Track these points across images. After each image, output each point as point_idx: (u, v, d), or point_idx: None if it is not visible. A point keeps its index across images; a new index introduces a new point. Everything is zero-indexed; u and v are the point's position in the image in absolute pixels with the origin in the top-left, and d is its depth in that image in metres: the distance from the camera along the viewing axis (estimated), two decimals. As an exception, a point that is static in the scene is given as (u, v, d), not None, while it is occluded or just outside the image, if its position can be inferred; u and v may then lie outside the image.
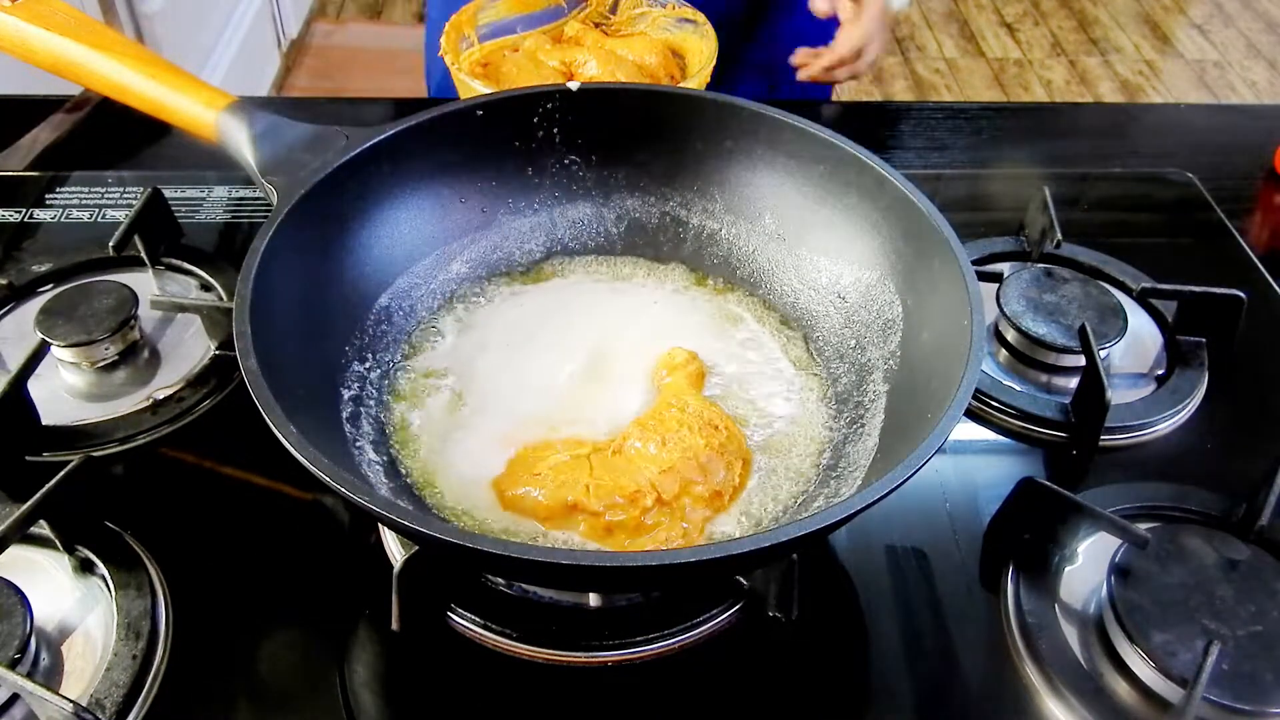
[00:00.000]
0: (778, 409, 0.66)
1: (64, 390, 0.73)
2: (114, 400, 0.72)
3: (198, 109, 0.68)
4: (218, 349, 0.74)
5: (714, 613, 0.58)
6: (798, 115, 0.69)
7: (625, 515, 0.58)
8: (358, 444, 0.61)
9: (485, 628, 0.57)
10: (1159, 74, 3.24)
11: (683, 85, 0.89)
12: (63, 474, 0.60)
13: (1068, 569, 0.63)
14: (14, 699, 0.53)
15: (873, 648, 0.60)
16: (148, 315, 0.77)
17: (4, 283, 0.79)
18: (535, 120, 0.72)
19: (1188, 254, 0.91)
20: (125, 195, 0.91)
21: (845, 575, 0.64)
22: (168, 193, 0.86)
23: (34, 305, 0.75)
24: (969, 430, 0.73)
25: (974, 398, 0.72)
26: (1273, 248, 0.93)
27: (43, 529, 0.59)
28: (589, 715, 0.57)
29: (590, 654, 0.57)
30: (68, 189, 0.92)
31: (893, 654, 0.59)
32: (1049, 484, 0.62)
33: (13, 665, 0.52)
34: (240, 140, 0.66)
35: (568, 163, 0.75)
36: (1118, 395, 0.73)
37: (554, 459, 0.60)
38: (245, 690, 0.57)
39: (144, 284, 0.79)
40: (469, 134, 0.71)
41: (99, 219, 0.88)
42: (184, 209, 0.89)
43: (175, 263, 0.83)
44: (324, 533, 0.65)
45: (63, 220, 0.88)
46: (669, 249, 0.76)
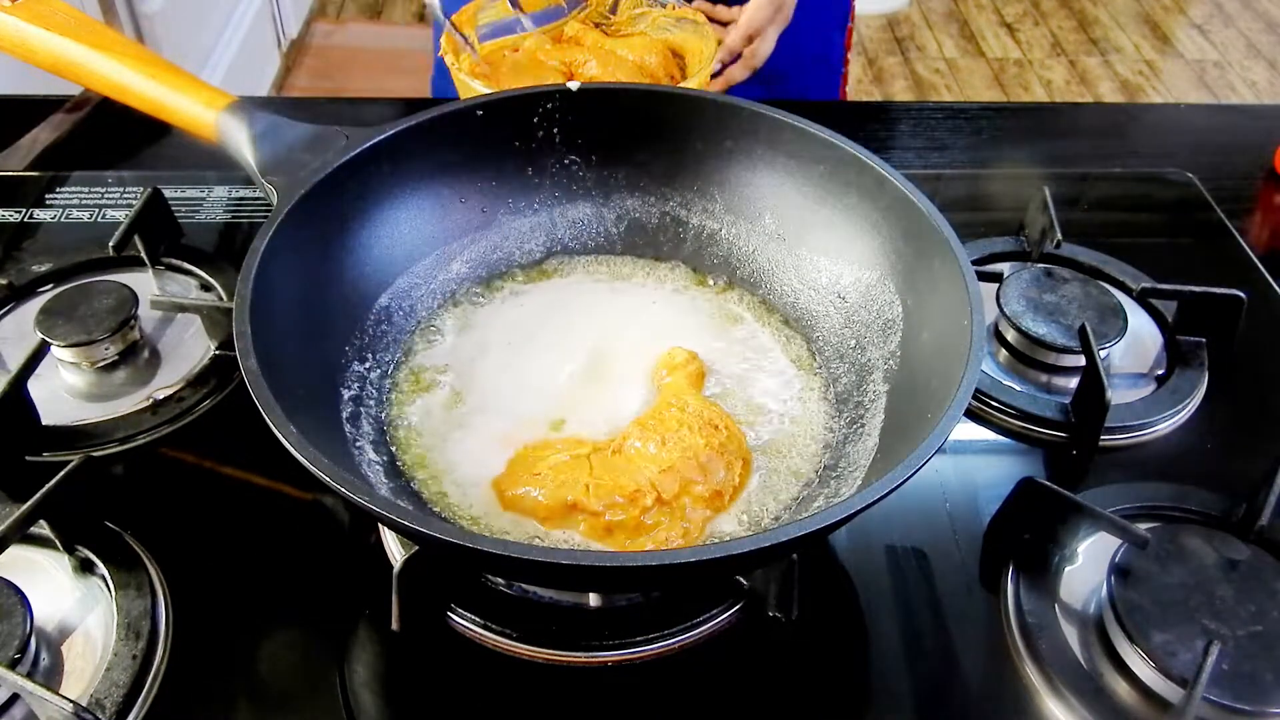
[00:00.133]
0: (778, 409, 0.66)
1: (64, 390, 0.73)
2: (114, 400, 0.72)
3: (198, 109, 0.68)
4: (218, 349, 0.74)
5: (714, 613, 0.58)
6: (798, 115, 0.69)
7: (625, 515, 0.58)
8: (358, 444, 0.61)
9: (485, 628, 0.57)
10: (1159, 74, 3.24)
11: (683, 85, 0.89)
12: (63, 474, 0.60)
13: (1068, 569, 0.63)
14: (14, 699, 0.53)
15: (873, 648, 0.60)
16: (148, 315, 0.77)
17: (4, 283, 0.79)
18: (535, 120, 0.72)
19: (1188, 254, 0.91)
20: (125, 195, 0.91)
21: (845, 575, 0.64)
22: (168, 193, 0.86)
23: (34, 305, 0.75)
24: (969, 430, 0.73)
25: (974, 398, 0.72)
26: (1273, 248, 0.93)
27: (43, 529, 0.59)
28: (589, 715, 0.57)
29: (590, 654, 0.57)
30: (68, 189, 0.91)
31: (893, 654, 0.59)
32: (1049, 484, 0.62)
33: (13, 665, 0.52)
34: (240, 140, 0.66)
35: (568, 163, 0.75)
36: (1118, 395, 0.73)
37: (554, 459, 0.60)
38: (245, 690, 0.57)
39: (144, 284, 0.79)
40: (469, 134, 0.71)
41: (99, 219, 0.88)
42: (184, 209, 0.89)
43: (175, 263, 0.83)
44: (324, 533, 0.65)
45: (63, 220, 0.88)
46: (669, 249, 0.76)
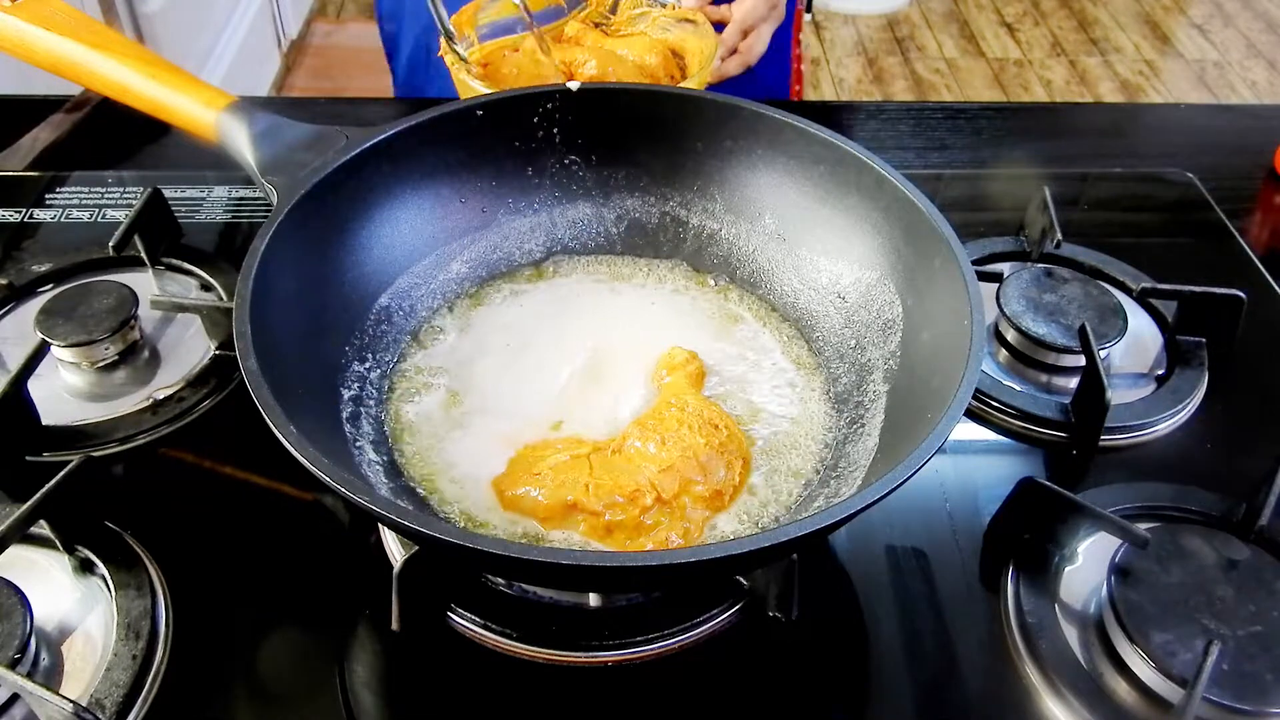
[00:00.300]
0: (778, 409, 0.66)
1: (64, 390, 0.73)
2: (114, 400, 0.72)
3: (198, 109, 0.68)
4: (218, 349, 0.74)
5: (714, 613, 0.58)
6: (797, 115, 0.69)
7: (625, 515, 0.58)
8: (358, 444, 0.61)
9: (485, 628, 0.57)
10: (1159, 74, 3.24)
11: (683, 85, 0.89)
12: (63, 474, 0.60)
13: (1068, 569, 0.63)
14: (14, 699, 0.53)
15: (873, 648, 0.60)
16: (148, 315, 0.77)
17: (4, 283, 0.79)
18: (535, 120, 0.72)
19: (1188, 254, 0.91)
20: (125, 195, 0.91)
21: (845, 575, 0.64)
22: (168, 193, 0.86)
23: (34, 305, 0.75)
24: (969, 430, 0.73)
25: (974, 398, 0.72)
26: (1273, 248, 0.93)
27: (43, 529, 0.59)
28: (589, 715, 0.57)
29: (590, 654, 0.57)
30: (68, 189, 0.91)
31: (893, 654, 0.59)
32: (1049, 484, 0.62)
33: (13, 665, 0.52)
34: (240, 140, 0.66)
35: (568, 163, 0.75)
36: (1118, 395, 0.73)
37: (554, 458, 0.60)
38: (245, 690, 0.57)
39: (144, 284, 0.79)
40: (469, 134, 0.71)
41: (99, 219, 0.88)
42: (184, 209, 0.89)
43: (175, 263, 0.83)
44: (324, 533, 0.65)
45: (63, 220, 0.88)
46: (669, 249, 0.76)
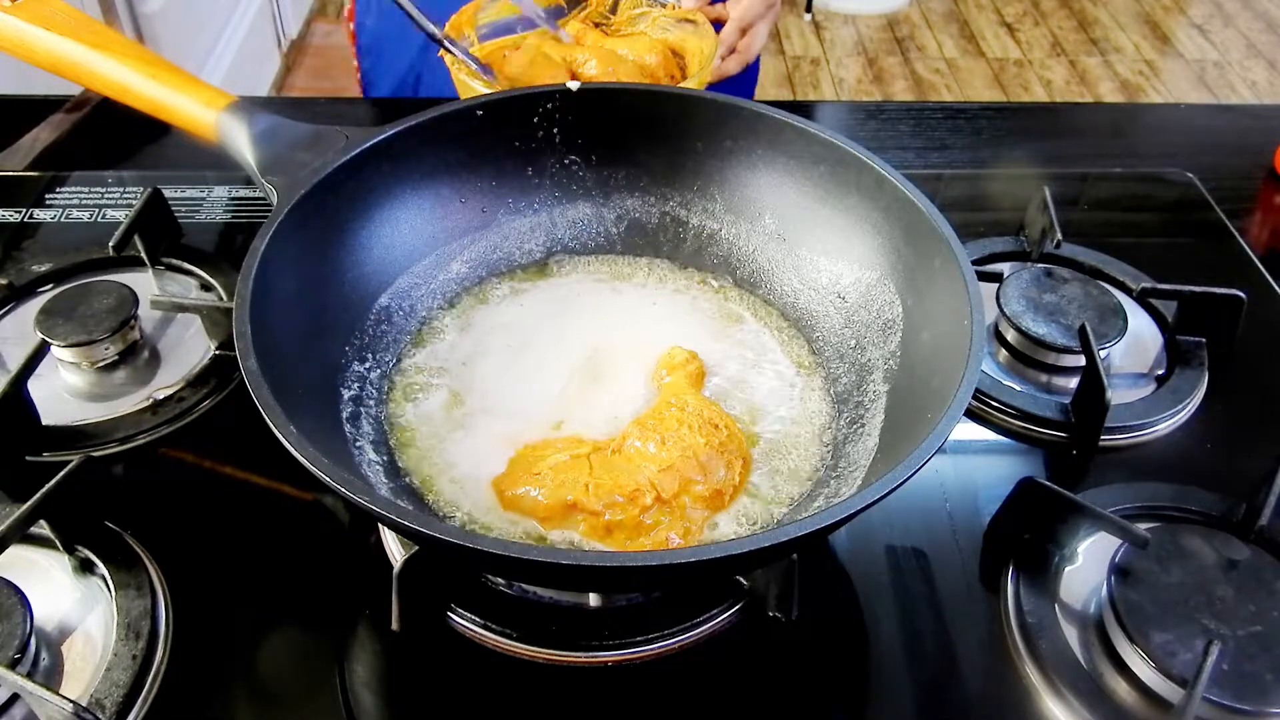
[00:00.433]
0: (778, 409, 0.66)
1: (64, 390, 0.73)
2: (114, 400, 0.72)
3: (198, 109, 0.68)
4: (218, 349, 0.74)
5: (714, 613, 0.58)
6: (797, 115, 0.69)
7: (625, 515, 0.58)
8: (358, 444, 0.61)
9: (485, 628, 0.57)
10: (1159, 74, 3.24)
11: (683, 85, 0.89)
12: (63, 474, 0.60)
13: (1068, 569, 0.63)
14: (14, 699, 0.53)
15: (873, 648, 0.60)
16: (148, 315, 0.77)
17: (4, 283, 0.79)
18: (535, 120, 0.72)
19: (1188, 254, 0.91)
20: (125, 195, 0.91)
21: (845, 575, 0.64)
22: (168, 193, 0.86)
23: (34, 305, 0.75)
24: (969, 430, 0.73)
25: (974, 398, 0.72)
26: (1273, 248, 0.93)
27: (43, 529, 0.59)
28: (589, 715, 0.57)
29: (590, 654, 0.57)
30: (68, 189, 0.91)
31: (893, 654, 0.59)
32: (1049, 484, 0.62)
33: (13, 665, 0.52)
34: (240, 140, 0.66)
35: (568, 163, 0.75)
36: (1118, 395, 0.73)
37: (554, 458, 0.60)
38: (245, 690, 0.57)
39: (144, 284, 0.79)
40: (469, 134, 0.71)
41: (99, 219, 0.88)
42: (184, 209, 0.89)
43: (175, 263, 0.83)
44: (324, 533, 0.65)
45: (63, 220, 0.88)
46: (669, 249, 0.76)
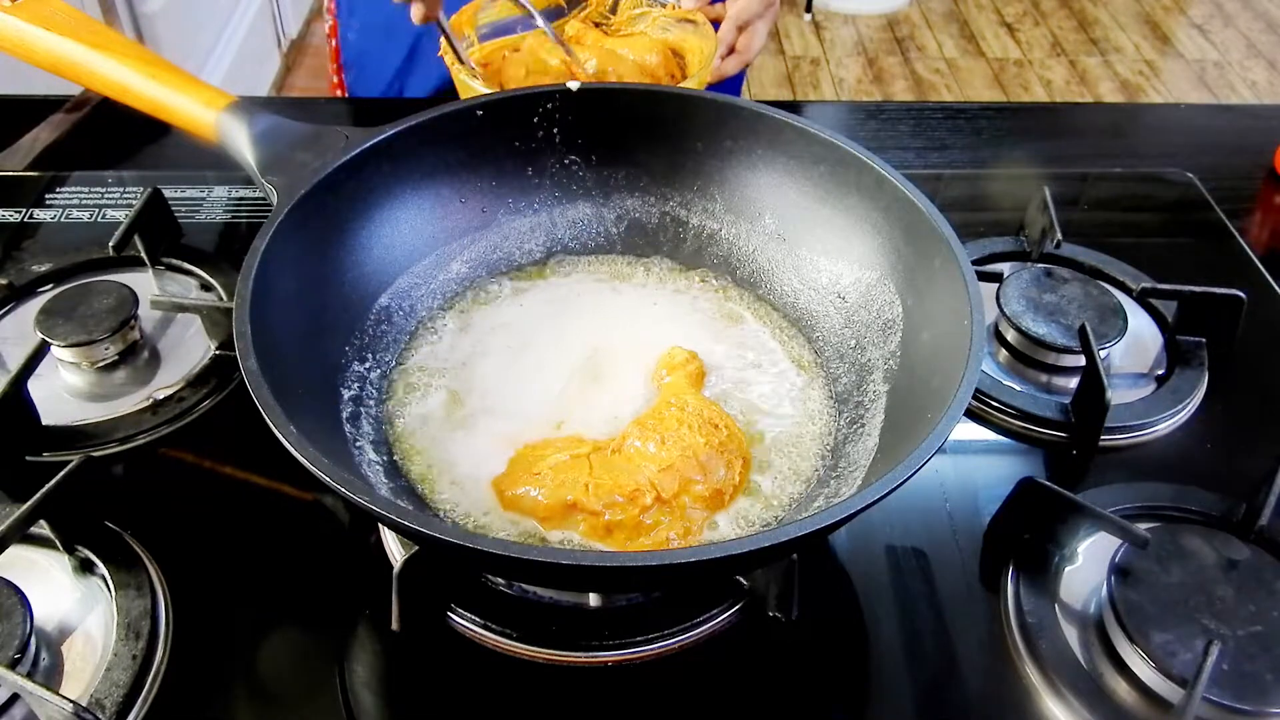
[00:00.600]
0: (778, 409, 0.66)
1: (64, 390, 0.73)
2: (114, 400, 0.72)
3: (198, 109, 0.68)
4: (218, 349, 0.74)
5: (714, 613, 0.58)
6: (797, 115, 0.69)
7: (625, 515, 0.58)
8: (358, 444, 0.61)
9: (485, 628, 0.57)
10: (1159, 74, 3.24)
11: (683, 85, 0.89)
12: (63, 474, 0.60)
13: (1068, 569, 0.63)
14: (14, 699, 0.53)
15: (873, 648, 0.60)
16: (148, 315, 0.77)
17: (4, 283, 0.79)
18: (535, 120, 0.72)
19: (1188, 254, 0.91)
20: (125, 195, 0.91)
21: (845, 575, 0.64)
22: (168, 193, 0.86)
23: (34, 305, 0.75)
24: (969, 430, 0.73)
25: (974, 398, 0.72)
26: (1273, 248, 0.93)
27: (43, 529, 0.59)
28: (589, 715, 0.57)
29: (590, 654, 0.57)
30: (68, 189, 0.91)
31: (893, 654, 0.59)
32: (1049, 484, 0.62)
33: (13, 665, 0.52)
34: (240, 140, 0.66)
35: (568, 163, 0.75)
36: (1118, 395, 0.73)
37: (554, 458, 0.60)
38: (245, 690, 0.57)
39: (144, 284, 0.79)
40: (469, 134, 0.71)
41: (99, 219, 0.88)
42: (184, 209, 0.89)
43: (175, 263, 0.83)
44: (324, 533, 0.65)
45: (63, 220, 0.88)
46: (669, 249, 0.76)
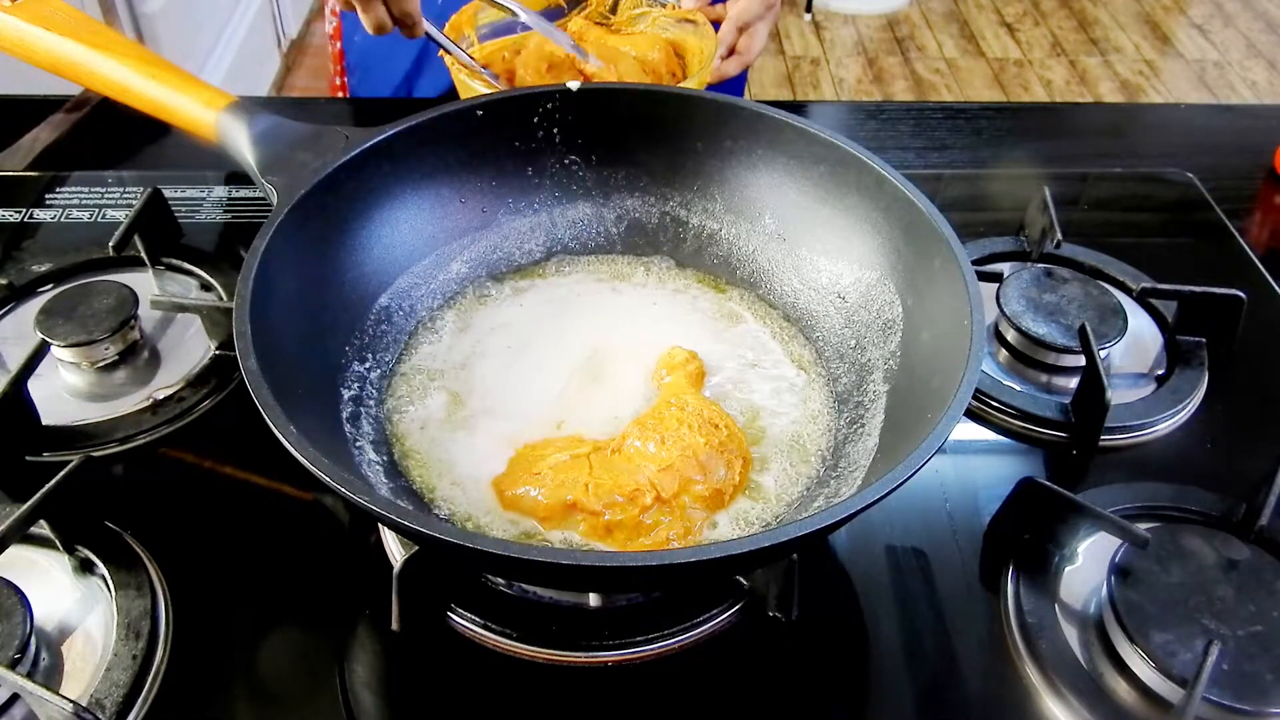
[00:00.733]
0: (778, 409, 0.66)
1: (64, 390, 0.73)
2: (114, 400, 0.72)
3: (198, 109, 0.68)
4: (218, 349, 0.74)
5: (714, 613, 0.58)
6: (797, 115, 0.69)
7: (625, 514, 0.58)
8: (358, 444, 0.61)
9: (485, 628, 0.57)
10: (1159, 74, 3.24)
11: (683, 85, 0.89)
12: (63, 474, 0.60)
13: (1068, 569, 0.63)
14: (14, 699, 0.53)
15: (873, 648, 0.60)
16: (148, 315, 0.77)
17: (4, 283, 0.79)
18: (535, 120, 0.72)
19: (1188, 254, 0.91)
20: (125, 195, 0.91)
21: (845, 575, 0.64)
22: (168, 193, 0.86)
23: (34, 305, 0.75)
24: (969, 430, 0.73)
25: (974, 398, 0.72)
26: (1273, 248, 0.93)
27: (43, 529, 0.59)
28: (589, 715, 0.57)
29: (590, 654, 0.57)
30: (68, 189, 0.91)
31: (893, 654, 0.59)
32: (1049, 484, 0.62)
33: (13, 665, 0.52)
34: (240, 140, 0.66)
35: (568, 163, 0.75)
36: (1118, 395, 0.73)
37: (554, 458, 0.60)
38: (245, 690, 0.57)
39: (144, 284, 0.79)
40: (469, 134, 0.71)
41: (99, 219, 0.88)
42: (184, 209, 0.89)
43: (175, 263, 0.83)
44: (324, 533, 0.65)
45: (63, 220, 0.88)
46: (669, 249, 0.76)
